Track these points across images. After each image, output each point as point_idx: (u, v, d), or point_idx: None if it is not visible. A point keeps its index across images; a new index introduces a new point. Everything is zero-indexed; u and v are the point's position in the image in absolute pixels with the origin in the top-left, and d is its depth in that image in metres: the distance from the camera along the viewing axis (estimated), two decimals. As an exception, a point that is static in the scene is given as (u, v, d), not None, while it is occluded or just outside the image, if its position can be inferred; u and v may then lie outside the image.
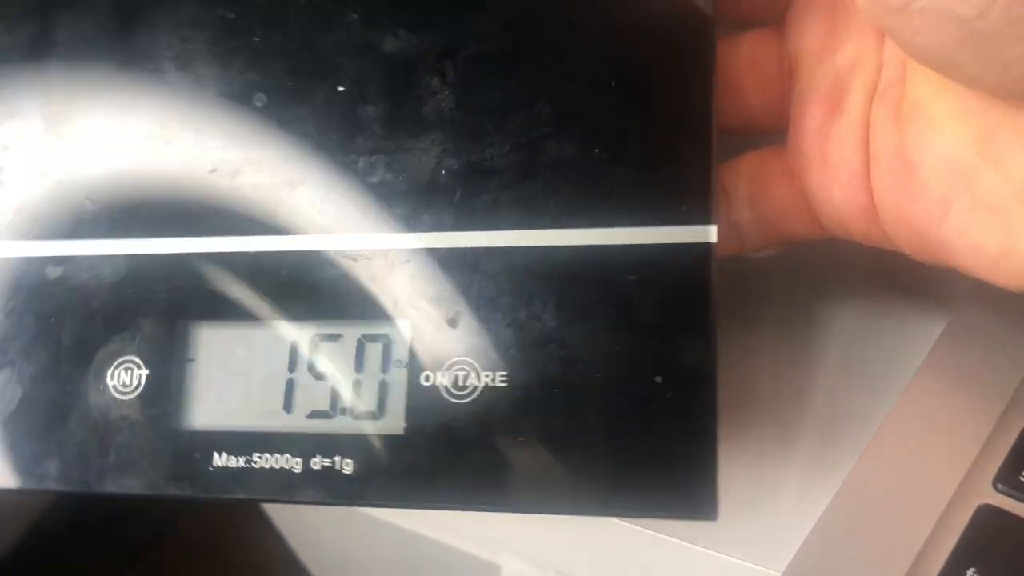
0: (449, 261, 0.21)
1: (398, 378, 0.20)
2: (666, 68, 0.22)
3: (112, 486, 0.21)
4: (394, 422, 0.20)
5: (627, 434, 0.19)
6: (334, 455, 0.20)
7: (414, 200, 0.22)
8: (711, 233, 0.20)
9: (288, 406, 0.21)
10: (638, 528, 0.24)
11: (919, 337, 0.25)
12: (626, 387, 0.19)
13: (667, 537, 0.24)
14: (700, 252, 0.20)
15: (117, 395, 0.22)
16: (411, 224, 0.21)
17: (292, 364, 0.21)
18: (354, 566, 0.52)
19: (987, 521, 0.20)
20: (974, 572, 0.19)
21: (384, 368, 0.21)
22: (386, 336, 0.21)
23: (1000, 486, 0.20)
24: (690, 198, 0.20)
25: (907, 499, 0.20)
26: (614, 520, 0.24)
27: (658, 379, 0.19)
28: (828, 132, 0.21)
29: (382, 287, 0.21)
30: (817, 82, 0.21)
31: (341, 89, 0.23)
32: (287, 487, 0.20)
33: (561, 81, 0.23)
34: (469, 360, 0.20)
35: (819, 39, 0.22)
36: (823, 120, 0.21)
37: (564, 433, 0.20)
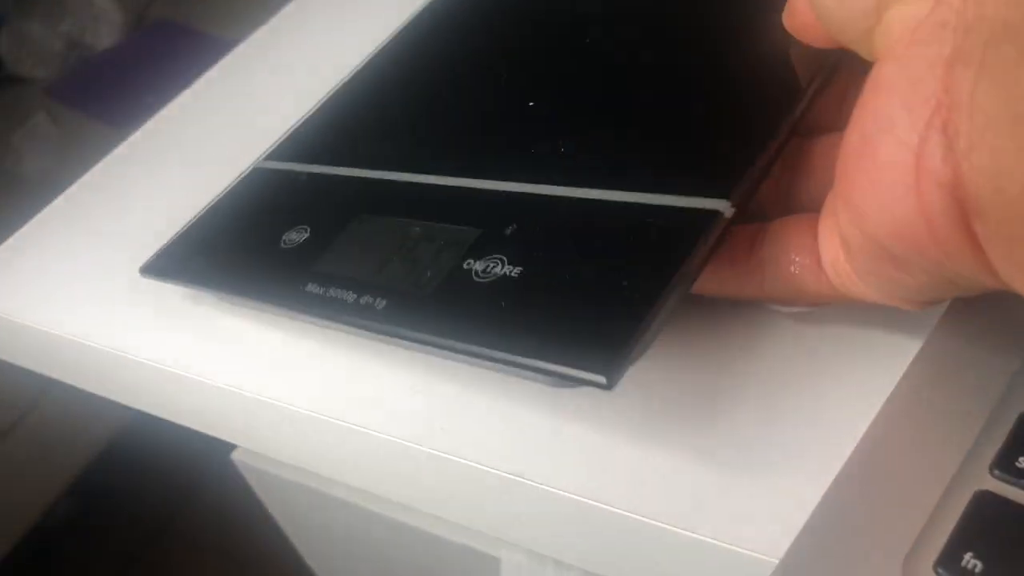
0: (520, 199, 0.29)
1: (451, 264, 0.27)
2: (766, 71, 0.28)
3: (247, 291, 0.32)
4: (429, 286, 0.27)
5: (581, 307, 0.24)
6: (377, 296, 0.28)
7: (508, 156, 0.31)
8: (722, 205, 0.24)
9: (377, 271, 0.29)
10: (636, 517, 0.24)
11: (917, 323, 0.25)
12: (598, 282, 0.24)
13: (664, 525, 0.24)
14: (707, 217, 0.24)
15: (282, 244, 0.32)
16: (505, 174, 0.30)
17: (396, 247, 0.29)
18: (354, 562, 0.52)
19: (984, 506, 0.20)
20: (971, 556, 0.19)
21: (449, 259, 0.28)
22: (459, 239, 0.28)
23: (997, 472, 0.20)
24: (721, 176, 0.25)
25: (905, 485, 0.21)
26: (612, 509, 0.25)
27: (624, 283, 0.24)
28: None
29: (474, 209, 0.29)
30: None
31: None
32: (338, 310, 0.28)
33: (658, 63, 0.31)
34: (501, 256, 0.27)
35: None
36: None
37: (536, 302, 0.25)
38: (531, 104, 0.33)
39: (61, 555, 1.23)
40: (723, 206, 0.24)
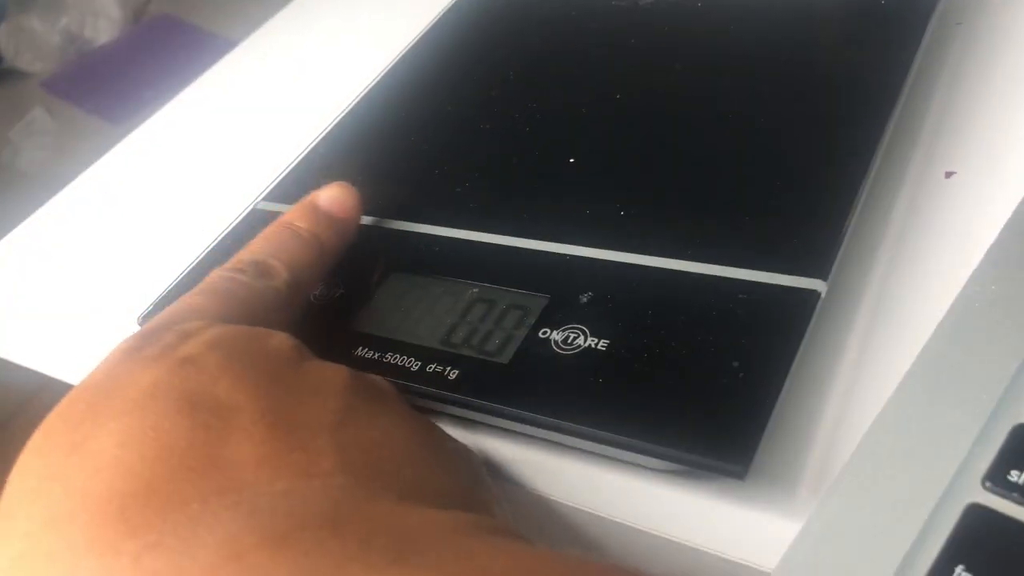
0: (587, 265, 0.27)
1: (525, 331, 0.26)
2: (829, 144, 0.29)
3: None
4: (504, 356, 0.26)
5: (692, 392, 0.23)
6: (447, 366, 0.26)
7: (586, 221, 0.29)
8: (819, 285, 0.24)
9: (435, 335, 0.27)
10: (629, 525, 0.24)
11: (909, 334, 0.25)
12: (704, 362, 0.23)
13: (661, 534, 0.24)
14: (806, 296, 0.24)
15: (312, 299, 0.30)
16: (578, 239, 0.28)
17: (449, 310, 0.28)
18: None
19: (976, 519, 0.20)
20: (963, 570, 0.19)
21: (521, 326, 0.26)
22: (525, 304, 0.27)
23: (989, 484, 0.20)
24: (811, 255, 0.25)
25: (896, 497, 0.21)
26: (610, 517, 0.25)
27: (735, 364, 0.23)
28: None
29: (533, 272, 0.28)
30: None
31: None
32: (403, 378, 0.26)
33: (728, 136, 0.31)
34: (583, 327, 0.25)
35: None
36: None
37: (639, 379, 0.24)
38: (593, 157, 0.31)
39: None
40: (820, 286, 0.24)
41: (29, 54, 1.33)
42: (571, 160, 0.32)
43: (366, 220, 0.33)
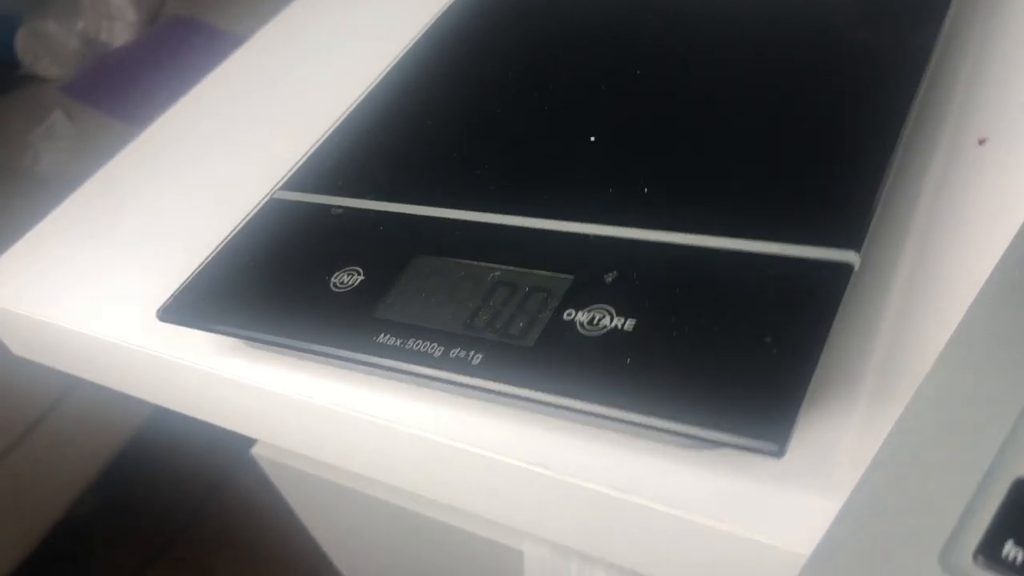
0: (611, 244, 0.27)
1: (549, 314, 0.26)
2: (857, 112, 0.28)
3: (310, 340, 0.28)
4: (528, 339, 0.25)
5: (724, 370, 0.22)
6: (470, 350, 0.26)
7: (609, 200, 0.29)
8: (851, 256, 0.24)
9: (456, 320, 0.27)
10: (663, 509, 0.24)
11: (949, 306, 0.25)
12: (735, 339, 0.23)
13: (692, 517, 0.23)
14: (839, 268, 0.24)
15: (333, 287, 0.29)
16: (601, 218, 0.28)
17: (470, 294, 0.27)
18: (378, 556, 0.52)
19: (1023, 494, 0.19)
20: (1012, 544, 0.18)
21: (544, 308, 0.26)
22: (548, 286, 0.27)
23: (1037, 457, 0.20)
24: (842, 226, 0.25)
25: (940, 473, 0.20)
26: (637, 503, 0.24)
27: (768, 339, 0.22)
28: None
29: (556, 253, 0.27)
30: None
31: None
32: (426, 363, 0.26)
33: (752, 107, 0.30)
34: (608, 307, 0.25)
35: None
36: None
37: (668, 358, 0.23)
38: (612, 134, 0.31)
39: (87, 549, 1.24)
40: (853, 257, 0.24)
41: (47, 59, 1.34)
42: (592, 138, 0.31)
43: (385, 206, 0.32)
